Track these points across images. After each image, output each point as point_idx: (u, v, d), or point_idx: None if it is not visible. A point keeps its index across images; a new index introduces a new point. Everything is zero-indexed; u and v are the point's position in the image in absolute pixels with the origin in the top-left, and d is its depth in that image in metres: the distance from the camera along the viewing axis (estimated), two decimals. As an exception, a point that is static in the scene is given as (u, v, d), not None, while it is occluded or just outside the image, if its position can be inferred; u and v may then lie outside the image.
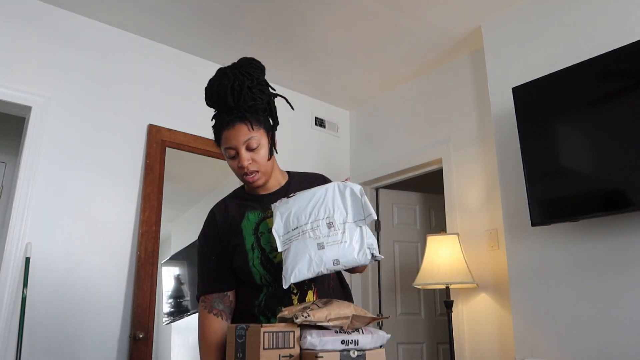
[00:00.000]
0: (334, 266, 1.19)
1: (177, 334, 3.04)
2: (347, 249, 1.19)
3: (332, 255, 1.18)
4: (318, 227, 1.21)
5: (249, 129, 1.33)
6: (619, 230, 2.06)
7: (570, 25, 2.40)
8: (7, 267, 2.28)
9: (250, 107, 1.34)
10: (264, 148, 1.37)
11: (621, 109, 2.00)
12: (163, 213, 2.78)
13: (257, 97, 1.35)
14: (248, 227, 1.39)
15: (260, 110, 1.37)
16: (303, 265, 1.19)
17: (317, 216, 1.23)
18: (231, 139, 1.34)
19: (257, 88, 1.35)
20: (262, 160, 1.37)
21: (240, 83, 1.32)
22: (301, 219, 1.24)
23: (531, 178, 2.26)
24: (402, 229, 3.69)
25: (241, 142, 1.33)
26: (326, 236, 1.20)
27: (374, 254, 1.21)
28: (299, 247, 1.21)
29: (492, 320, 2.69)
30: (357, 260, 1.19)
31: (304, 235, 1.22)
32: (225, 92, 1.32)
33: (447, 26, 2.86)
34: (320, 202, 1.25)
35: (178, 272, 3.12)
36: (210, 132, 1.45)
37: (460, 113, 3.11)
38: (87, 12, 2.76)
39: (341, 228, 1.21)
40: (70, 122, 2.62)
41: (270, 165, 1.41)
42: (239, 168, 1.36)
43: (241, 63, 1.38)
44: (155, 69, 3.01)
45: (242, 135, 1.33)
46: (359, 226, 1.21)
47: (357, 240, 1.20)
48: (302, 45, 3.08)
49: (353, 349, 1.12)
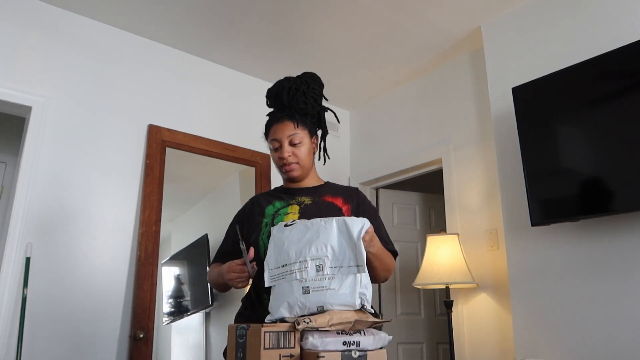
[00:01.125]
0: (317, 310, 1.15)
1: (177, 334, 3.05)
2: (333, 295, 1.14)
3: (316, 302, 1.14)
4: (306, 268, 1.17)
5: (294, 126, 1.52)
6: (619, 231, 2.06)
7: (570, 25, 2.40)
8: (7, 267, 2.28)
9: (301, 110, 1.53)
10: (305, 146, 1.53)
11: (621, 109, 2.00)
12: (163, 213, 2.78)
13: (309, 103, 1.54)
14: (271, 210, 1.52)
15: (309, 114, 1.55)
16: (285, 308, 1.16)
17: (307, 255, 1.18)
18: (278, 132, 1.52)
19: (310, 95, 1.55)
20: (301, 156, 1.53)
21: (296, 86, 1.54)
22: (291, 255, 1.20)
23: (531, 178, 2.26)
24: (402, 229, 3.69)
25: (286, 136, 1.51)
26: (313, 280, 1.16)
27: (365, 305, 1.16)
28: (285, 287, 1.18)
29: (492, 320, 2.69)
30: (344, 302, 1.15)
31: (291, 276, 1.18)
32: (282, 91, 1.54)
33: (447, 26, 2.86)
34: (314, 238, 1.20)
35: (178, 272, 3.12)
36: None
37: (460, 113, 3.11)
38: (87, 12, 2.76)
39: (330, 273, 1.16)
40: (70, 122, 2.62)
41: (308, 163, 1.56)
42: (279, 159, 1.52)
43: (304, 74, 1.61)
44: (155, 69, 3.01)
45: (288, 130, 1.51)
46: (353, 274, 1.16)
47: (348, 286, 1.15)
48: (302, 45, 3.08)
49: (354, 350, 1.12)
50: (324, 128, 1.63)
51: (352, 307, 1.15)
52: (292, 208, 1.49)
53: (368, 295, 1.17)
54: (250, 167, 3.25)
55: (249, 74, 3.44)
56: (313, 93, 1.56)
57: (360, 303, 1.16)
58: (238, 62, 3.29)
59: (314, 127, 1.59)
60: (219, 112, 3.23)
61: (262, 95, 3.92)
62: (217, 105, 3.23)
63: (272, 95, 1.58)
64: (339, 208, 1.52)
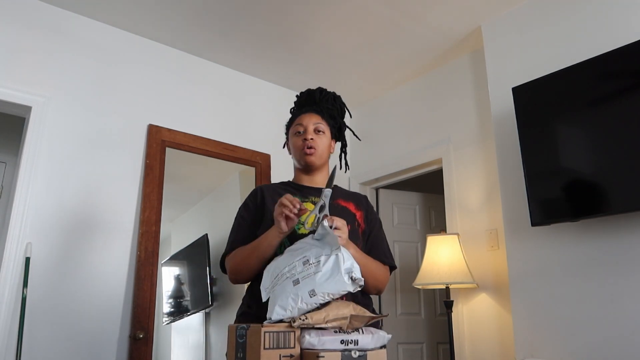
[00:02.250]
0: (311, 298, 1.15)
1: (177, 334, 3.05)
2: (321, 278, 1.16)
3: (306, 288, 1.16)
4: (294, 267, 1.23)
5: (321, 118, 1.61)
6: (619, 231, 2.06)
7: (570, 25, 2.40)
8: (7, 267, 2.28)
9: (328, 110, 1.63)
10: (327, 138, 1.60)
11: (621, 109, 2.00)
12: (163, 213, 2.78)
13: (336, 107, 1.66)
14: None
15: (332, 116, 1.64)
16: (282, 301, 1.18)
17: (294, 259, 1.25)
18: (304, 119, 1.59)
19: (339, 102, 1.69)
20: (322, 145, 1.58)
21: (328, 92, 1.68)
22: (280, 266, 1.27)
23: (531, 178, 2.26)
24: (402, 229, 3.69)
25: (312, 123, 1.59)
26: (301, 272, 1.20)
27: (353, 277, 1.17)
28: (278, 290, 1.22)
29: (492, 320, 2.69)
30: (335, 287, 1.16)
31: (282, 278, 1.23)
32: (315, 91, 1.67)
33: (447, 26, 2.86)
34: (299, 250, 1.28)
35: (178, 272, 3.12)
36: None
37: (460, 113, 3.11)
38: (87, 12, 2.76)
39: (315, 261, 1.20)
40: (70, 122, 2.62)
41: (325, 156, 1.60)
42: (303, 141, 1.56)
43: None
44: (156, 69, 3.01)
45: (315, 119, 1.60)
46: (335, 254, 1.19)
47: (331, 267, 1.18)
48: (302, 46, 3.08)
49: (354, 349, 1.12)
50: (343, 140, 1.74)
51: (342, 284, 1.16)
52: (308, 205, 1.46)
53: (356, 272, 1.18)
54: (250, 167, 3.25)
55: (249, 74, 3.44)
56: (341, 105, 1.70)
57: (349, 277, 1.16)
58: (238, 62, 3.29)
59: (335, 129, 1.66)
60: (219, 112, 3.23)
61: (262, 95, 3.93)
62: (217, 105, 3.23)
63: (304, 93, 1.69)
64: (353, 214, 1.53)
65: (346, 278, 1.16)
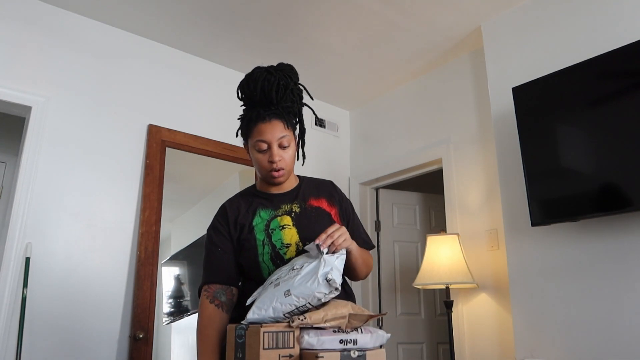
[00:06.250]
0: (286, 298, 1.14)
1: (177, 334, 3.04)
2: (299, 280, 1.16)
3: (283, 289, 1.17)
4: (282, 275, 1.24)
5: (284, 127, 1.37)
6: (619, 230, 2.06)
7: (570, 25, 2.40)
8: (7, 267, 2.28)
9: (287, 108, 1.39)
10: (292, 149, 1.41)
11: (621, 109, 2.00)
12: (163, 213, 2.78)
13: (295, 101, 1.42)
14: (260, 224, 1.40)
15: (292, 113, 1.42)
16: (259, 302, 1.19)
17: (283, 269, 1.27)
18: (266, 133, 1.36)
19: (297, 92, 1.43)
20: (289, 160, 1.40)
21: (285, 83, 1.39)
22: (272, 277, 1.29)
23: (531, 178, 2.26)
24: (402, 229, 3.69)
25: (276, 138, 1.36)
26: (284, 276, 1.21)
27: (328, 278, 1.14)
28: (263, 295, 1.22)
29: (492, 320, 2.68)
30: (309, 288, 1.14)
31: (268, 284, 1.25)
32: (271, 87, 1.36)
33: (447, 26, 2.86)
34: (291, 261, 1.30)
35: (178, 272, 3.12)
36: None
37: (460, 113, 3.11)
38: (87, 12, 2.76)
39: (299, 267, 1.21)
40: (70, 122, 2.62)
41: (292, 166, 1.44)
42: (268, 162, 1.38)
43: (282, 66, 1.44)
44: (155, 68, 3.01)
45: (278, 131, 1.36)
46: (318, 259, 1.19)
47: (309, 270, 1.17)
48: (302, 45, 3.08)
49: (353, 349, 1.12)
50: (302, 126, 1.49)
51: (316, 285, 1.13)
52: (284, 219, 1.40)
53: (333, 275, 1.14)
54: (250, 167, 3.25)
55: (249, 74, 3.44)
56: (298, 90, 1.44)
57: (325, 279, 1.14)
58: (238, 62, 3.29)
59: (296, 126, 1.46)
60: (219, 112, 3.23)
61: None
62: (217, 105, 3.23)
63: (255, 91, 1.37)
64: (328, 213, 1.46)
65: (321, 280, 1.14)
